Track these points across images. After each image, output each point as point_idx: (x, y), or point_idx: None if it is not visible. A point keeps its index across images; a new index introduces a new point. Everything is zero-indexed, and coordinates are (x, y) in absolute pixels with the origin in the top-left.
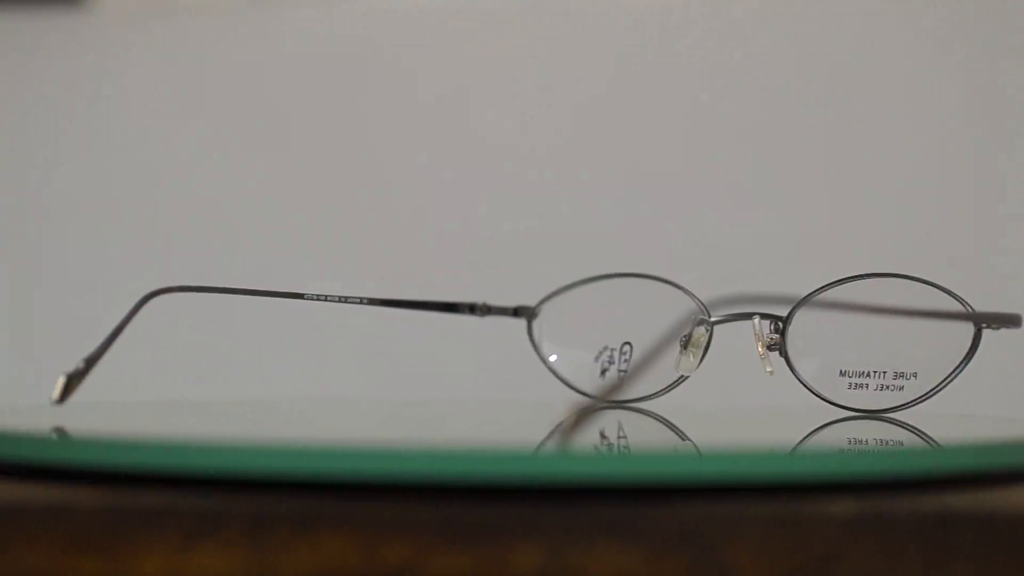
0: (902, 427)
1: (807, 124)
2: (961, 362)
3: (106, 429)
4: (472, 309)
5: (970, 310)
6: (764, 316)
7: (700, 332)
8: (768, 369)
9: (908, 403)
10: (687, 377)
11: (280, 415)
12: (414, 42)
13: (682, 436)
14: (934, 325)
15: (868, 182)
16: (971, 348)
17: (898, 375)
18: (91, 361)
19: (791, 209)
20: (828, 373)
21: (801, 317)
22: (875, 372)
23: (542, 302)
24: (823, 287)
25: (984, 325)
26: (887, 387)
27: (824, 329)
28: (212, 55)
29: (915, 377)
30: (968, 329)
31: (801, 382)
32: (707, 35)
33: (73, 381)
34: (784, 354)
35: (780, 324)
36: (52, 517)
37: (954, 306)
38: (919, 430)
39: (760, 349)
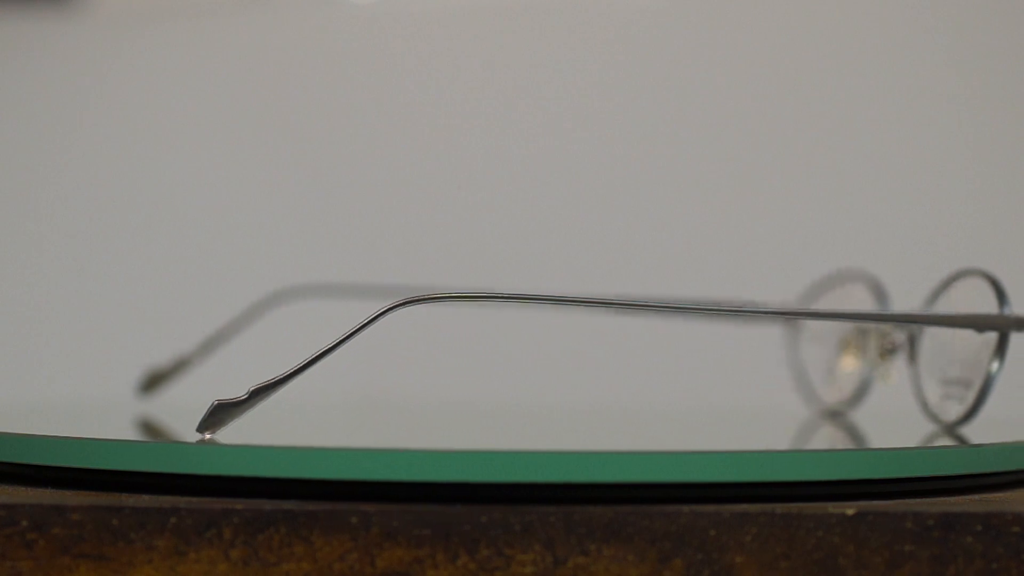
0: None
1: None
2: (990, 372)
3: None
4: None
5: (1005, 314)
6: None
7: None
8: (885, 377)
9: (966, 416)
10: (875, 383)
11: (282, 416)
12: (416, 42)
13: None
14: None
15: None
16: (996, 355)
17: (961, 383)
18: (184, 360)
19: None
20: (934, 381)
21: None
22: (956, 380)
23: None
24: (943, 284)
25: (1008, 331)
26: (958, 397)
27: (928, 333)
28: (209, 56)
29: (969, 386)
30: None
31: (922, 393)
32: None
33: (161, 375)
34: (912, 360)
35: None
36: (47, 520)
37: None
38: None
39: (880, 353)
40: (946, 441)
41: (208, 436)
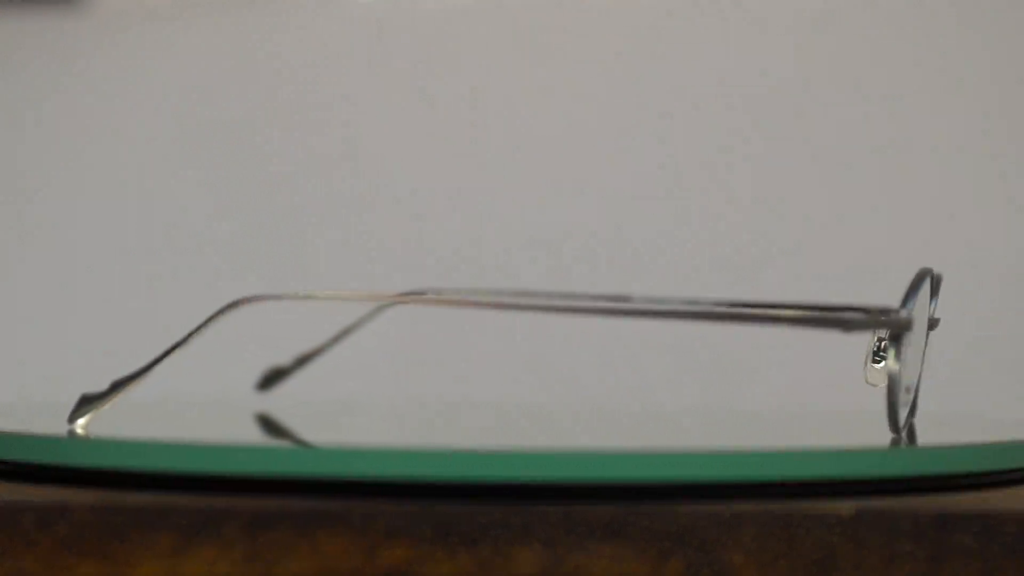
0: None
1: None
2: (890, 372)
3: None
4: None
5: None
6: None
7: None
8: (871, 378)
9: (908, 419)
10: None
11: (284, 418)
12: (418, 43)
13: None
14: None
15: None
16: (895, 356)
17: (912, 388)
18: (305, 358)
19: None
20: (904, 389)
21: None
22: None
23: (908, 310)
24: (918, 283)
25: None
26: (907, 404)
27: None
28: (210, 57)
29: (911, 390)
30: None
31: (891, 400)
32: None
33: (280, 372)
34: (899, 364)
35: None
36: (49, 518)
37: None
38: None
39: (872, 355)
40: (944, 441)
41: (76, 426)
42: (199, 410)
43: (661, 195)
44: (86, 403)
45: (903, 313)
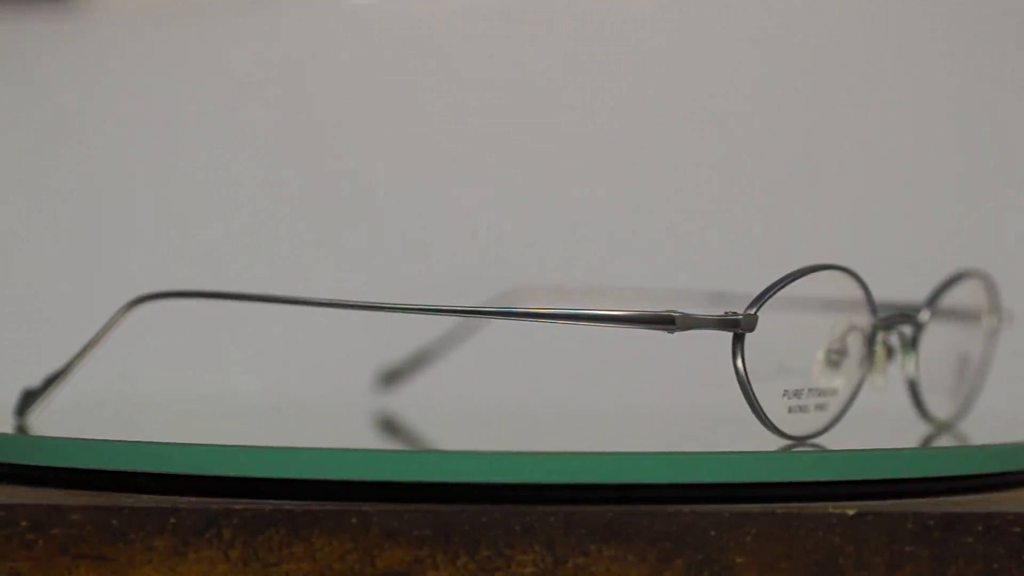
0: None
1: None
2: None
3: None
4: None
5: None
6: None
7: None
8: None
9: (826, 428)
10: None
11: (281, 418)
12: (420, 44)
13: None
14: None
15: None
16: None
17: (820, 391)
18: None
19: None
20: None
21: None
22: (808, 390)
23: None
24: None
25: None
26: (810, 408)
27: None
28: (209, 58)
29: (835, 394)
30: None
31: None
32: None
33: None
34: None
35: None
36: (46, 520)
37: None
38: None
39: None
40: (947, 441)
41: (25, 420)
42: (183, 411)
43: (668, 196)
44: (28, 397)
45: (748, 312)
